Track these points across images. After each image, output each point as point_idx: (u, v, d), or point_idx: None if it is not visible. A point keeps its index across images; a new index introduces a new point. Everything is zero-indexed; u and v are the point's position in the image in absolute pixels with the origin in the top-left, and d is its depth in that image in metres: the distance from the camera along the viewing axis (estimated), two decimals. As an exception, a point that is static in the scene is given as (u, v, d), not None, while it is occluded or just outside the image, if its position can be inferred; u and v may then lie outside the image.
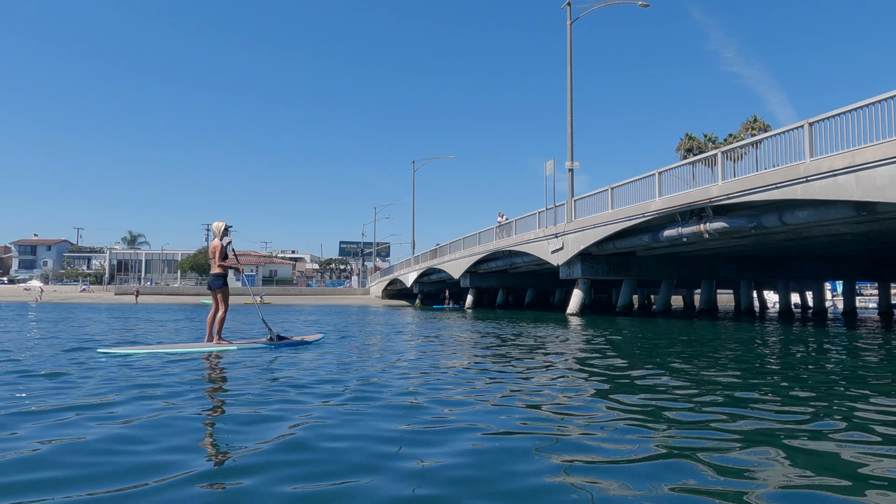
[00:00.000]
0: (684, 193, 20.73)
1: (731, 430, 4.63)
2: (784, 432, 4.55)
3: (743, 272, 32.01)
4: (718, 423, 4.88)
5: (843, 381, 7.57)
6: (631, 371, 8.38)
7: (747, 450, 4.03)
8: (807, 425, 4.84)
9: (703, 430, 4.65)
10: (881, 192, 14.02)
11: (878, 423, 4.93)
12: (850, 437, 4.46)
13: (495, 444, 4.12)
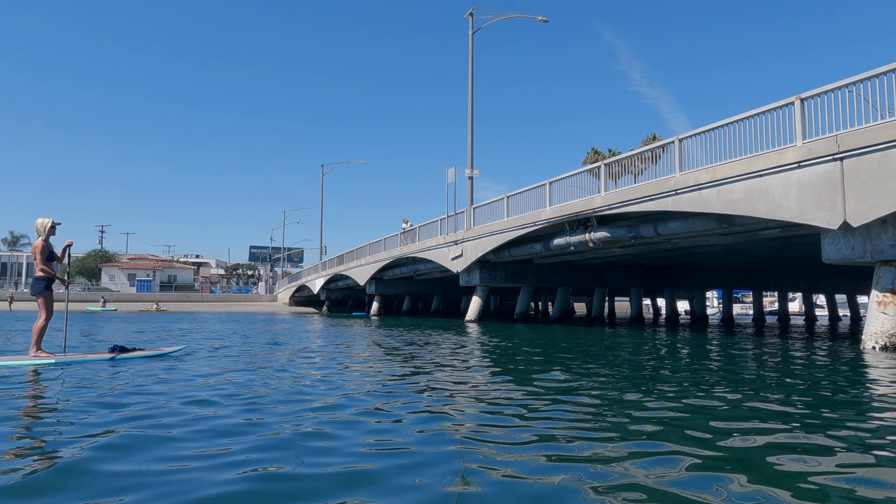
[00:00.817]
0: (571, 203, 21.45)
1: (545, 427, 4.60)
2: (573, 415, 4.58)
3: (632, 280, 33.65)
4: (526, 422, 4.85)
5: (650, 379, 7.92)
6: (476, 375, 8.37)
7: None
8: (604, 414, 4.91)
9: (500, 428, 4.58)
10: (737, 205, 15.07)
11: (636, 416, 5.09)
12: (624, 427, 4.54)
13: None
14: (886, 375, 9.31)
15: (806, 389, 7.63)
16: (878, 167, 12.08)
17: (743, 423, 5.26)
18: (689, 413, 5.72)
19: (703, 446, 4.31)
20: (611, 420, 5.30)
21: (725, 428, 5.00)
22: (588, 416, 5.45)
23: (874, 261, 13.17)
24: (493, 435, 4.60)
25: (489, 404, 6.09)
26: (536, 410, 5.73)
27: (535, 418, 5.32)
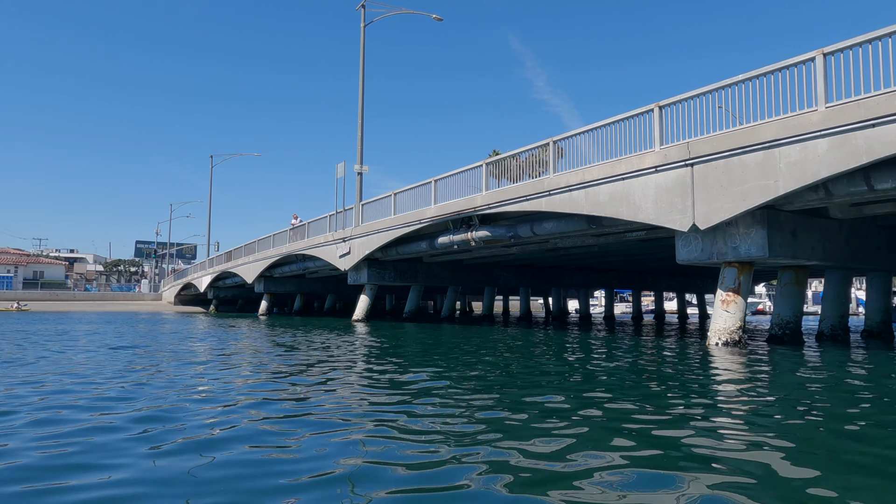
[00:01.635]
0: (454, 202, 21.39)
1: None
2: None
3: (521, 280, 34.38)
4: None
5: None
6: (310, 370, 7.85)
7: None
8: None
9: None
10: (603, 207, 15.54)
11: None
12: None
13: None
14: (715, 370, 9.78)
15: (638, 380, 7.78)
16: (722, 173, 12.82)
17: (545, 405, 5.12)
18: (509, 408, 5.52)
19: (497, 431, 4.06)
20: (435, 412, 4.97)
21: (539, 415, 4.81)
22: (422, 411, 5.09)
23: (719, 262, 14.01)
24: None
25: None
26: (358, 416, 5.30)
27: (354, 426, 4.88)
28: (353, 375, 8.62)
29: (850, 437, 4.81)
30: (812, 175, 11.28)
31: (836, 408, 6.32)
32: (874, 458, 4.17)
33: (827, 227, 14.48)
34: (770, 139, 11.88)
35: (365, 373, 8.95)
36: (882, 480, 3.66)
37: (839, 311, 16.63)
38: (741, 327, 13.56)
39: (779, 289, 15.44)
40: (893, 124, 10.09)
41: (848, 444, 4.60)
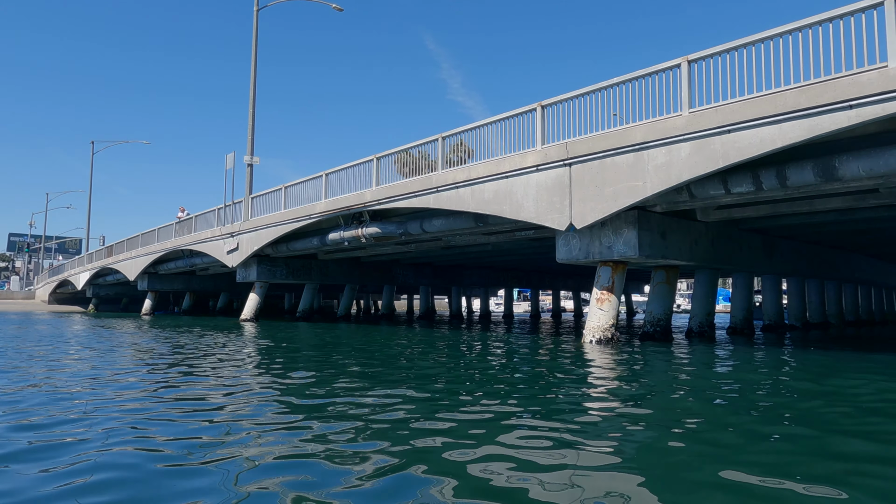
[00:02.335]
0: (344, 197, 20.67)
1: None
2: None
3: (420, 278, 34.12)
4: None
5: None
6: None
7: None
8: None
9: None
10: (488, 205, 15.46)
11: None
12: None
13: None
14: (575, 366, 9.79)
15: (494, 375, 7.55)
16: (597, 174, 13.04)
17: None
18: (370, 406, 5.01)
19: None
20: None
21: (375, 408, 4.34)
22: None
23: (596, 261, 14.30)
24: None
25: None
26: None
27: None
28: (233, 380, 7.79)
29: (700, 426, 4.74)
30: (676, 177, 11.67)
31: (686, 398, 6.36)
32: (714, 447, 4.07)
33: (694, 229, 15.18)
34: (640, 142, 12.19)
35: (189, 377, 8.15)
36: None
37: (707, 309, 17.59)
38: (614, 325, 13.90)
39: (651, 288, 16.05)
40: (746, 131, 10.59)
41: (700, 435, 4.51)
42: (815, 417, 5.65)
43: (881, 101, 9.08)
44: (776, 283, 21.40)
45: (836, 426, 5.25)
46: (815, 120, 9.75)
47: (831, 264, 23.08)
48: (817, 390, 7.50)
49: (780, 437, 4.78)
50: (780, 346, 14.79)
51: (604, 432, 4.81)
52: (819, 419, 5.56)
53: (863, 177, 10.17)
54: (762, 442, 4.61)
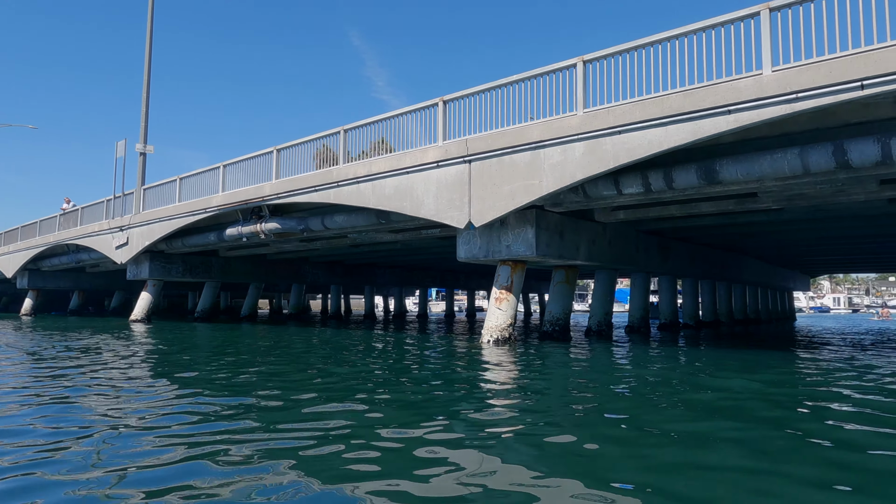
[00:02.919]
0: (242, 190, 19.52)
1: None
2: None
3: (331, 277, 33.13)
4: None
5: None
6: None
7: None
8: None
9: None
10: (389, 201, 14.97)
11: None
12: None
13: None
14: (459, 367, 9.49)
15: (381, 374, 7.07)
16: (496, 171, 12.87)
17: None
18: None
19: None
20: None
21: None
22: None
23: (496, 260, 14.16)
24: None
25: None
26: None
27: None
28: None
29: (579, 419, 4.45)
30: (570, 177, 11.67)
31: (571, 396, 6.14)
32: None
33: (592, 230, 15.39)
34: (536, 140, 12.12)
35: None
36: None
37: (605, 309, 17.98)
38: (512, 324, 13.80)
39: (551, 287, 16.15)
40: (636, 132, 10.71)
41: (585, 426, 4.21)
42: (705, 409, 5.57)
43: (756, 108, 9.39)
44: (672, 284, 22.30)
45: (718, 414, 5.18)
46: (698, 123, 9.98)
47: (722, 266, 24.37)
48: (706, 384, 7.57)
49: (666, 432, 4.61)
50: (673, 345, 15.27)
51: (474, 435, 4.44)
52: (708, 410, 5.49)
53: (741, 180, 10.53)
54: (650, 437, 4.41)
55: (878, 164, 9.25)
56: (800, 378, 8.90)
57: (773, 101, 9.20)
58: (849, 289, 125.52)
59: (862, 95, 8.51)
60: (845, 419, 5.57)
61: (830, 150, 9.45)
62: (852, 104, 9.32)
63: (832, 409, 6.17)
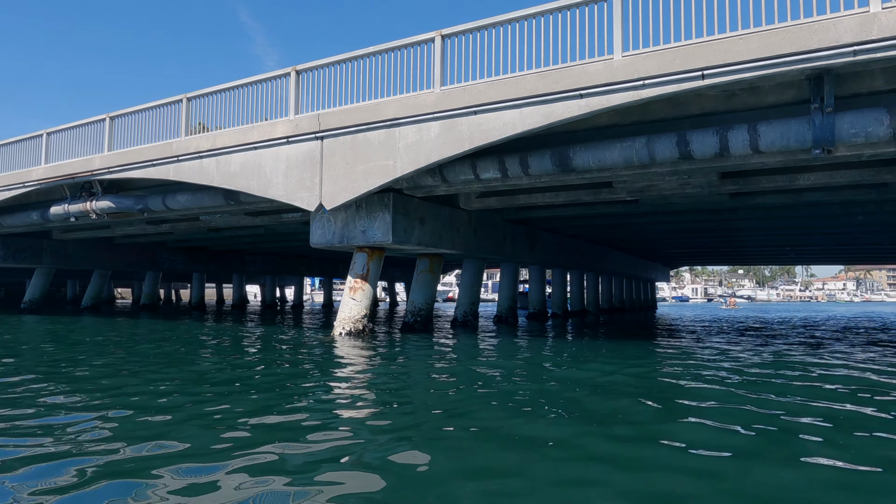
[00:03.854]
0: (69, 163, 16.92)
1: None
2: None
3: (192, 264, 30.42)
4: None
5: None
6: None
7: None
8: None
9: None
10: (235, 179, 13.46)
11: None
12: None
13: None
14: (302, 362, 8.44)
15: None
16: (349, 150, 11.87)
17: None
18: None
19: None
20: None
21: None
22: None
23: (351, 246, 13.19)
24: None
25: None
26: None
27: None
28: None
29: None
30: (425, 158, 10.95)
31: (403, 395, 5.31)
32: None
33: (457, 217, 14.87)
34: (392, 117, 11.27)
35: None
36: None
37: (471, 298, 17.64)
38: (367, 315, 12.92)
39: (415, 276, 15.48)
40: (491, 113, 10.18)
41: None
42: (567, 402, 4.97)
43: (606, 93, 9.15)
44: (541, 274, 22.57)
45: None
46: (552, 107, 9.61)
47: (589, 257, 25.12)
48: (568, 377, 7.11)
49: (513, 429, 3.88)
50: (537, 335, 15.17)
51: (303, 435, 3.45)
52: (569, 402, 4.88)
53: (593, 168, 10.36)
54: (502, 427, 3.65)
55: (717, 156, 9.37)
56: (638, 367, 8.82)
57: (621, 86, 9.00)
58: (706, 280, 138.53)
59: (703, 85, 8.50)
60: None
61: (674, 140, 9.45)
62: (694, 94, 9.37)
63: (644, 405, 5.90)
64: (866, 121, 8.15)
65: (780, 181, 11.42)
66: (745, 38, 8.21)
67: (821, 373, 8.27)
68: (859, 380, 7.64)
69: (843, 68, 8.11)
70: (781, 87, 9.01)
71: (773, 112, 9.20)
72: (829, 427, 4.87)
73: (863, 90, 8.53)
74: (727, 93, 9.34)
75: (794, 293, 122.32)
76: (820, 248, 28.82)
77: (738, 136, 8.97)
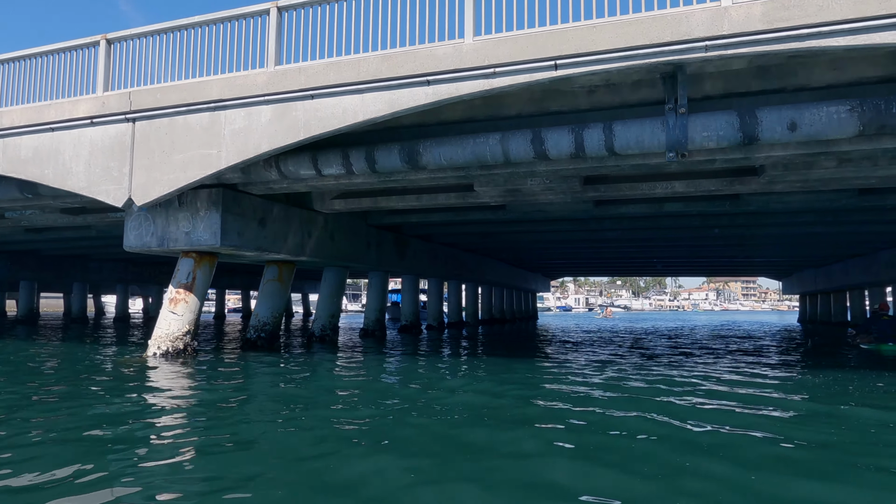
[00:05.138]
0: None
1: None
2: None
3: (19, 271, 26.17)
4: None
5: None
6: None
7: None
8: None
9: None
10: (26, 167, 11.01)
11: None
12: None
13: None
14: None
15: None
16: (166, 135, 9.97)
17: None
18: None
19: None
20: None
21: None
22: None
23: (173, 250, 11.23)
24: None
25: None
26: None
27: None
28: None
29: None
30: (255, 147, 9.35)
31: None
32: None
33: (310, 220, 13.31)
34: (216, 98, 9.57)
35: None
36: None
37: (331, 311, 16.03)
38: (190, 332, 10.98)
39: (261, 286, 13.68)
40: (329, 98, 8.81)
41: None
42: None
43: (455, 80, 8.11)
44: (413, 283, 21.44)
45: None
46: (396, 94, 8.43)
47: (467, 266, 24.41)
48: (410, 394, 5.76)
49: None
50: (404, 351, 13.91)
51: None
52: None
53: (445, 165, 9.29)
54: None
55: (574, 157, 8.64)
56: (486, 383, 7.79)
57: (472, 73, 8.00)
58: (588, 290, 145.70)
59: (556, 76, 7.69)
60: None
61: (529, 137, 8.60)
62: (553, 90, 8.62)
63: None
64: (718, 123, 7.71)
65: (641, 188, 11.04)
66: (600, 27, 7.50)
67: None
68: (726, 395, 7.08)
69: (697, 67, 7.63)
70: (639, 86, 8.45)
71: (632, 113, 8.63)
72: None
73: (716, 92, 8.14)
74: (586, 89, 8.64)
75: (664, 303, 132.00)
76: (684, 261, 30.26)
77: (594, 136, 8.27)
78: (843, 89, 7.74)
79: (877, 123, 7.22)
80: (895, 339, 14.10)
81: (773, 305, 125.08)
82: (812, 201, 12.17)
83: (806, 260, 28.91)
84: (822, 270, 30.56)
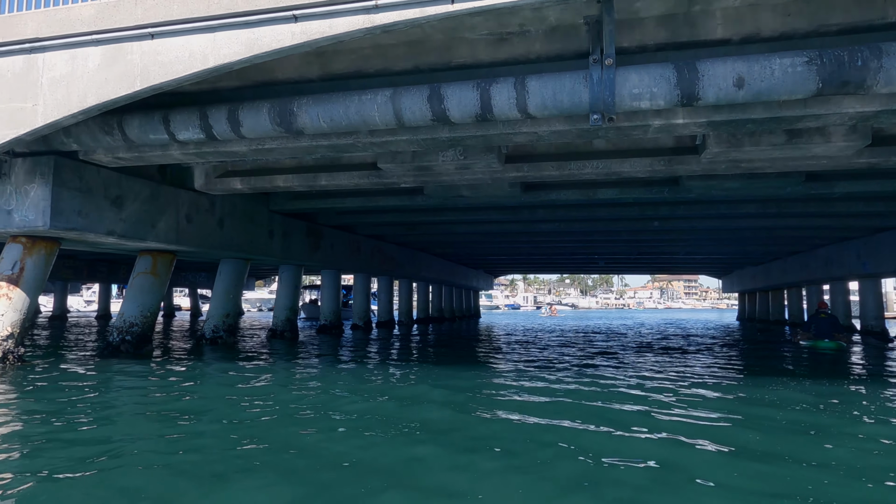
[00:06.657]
0: None
1: None
2: None
3: None
4: None
5: None
6: None
7: None
8: None
9: None
10: None
11: None
12: None
13: None
14: None
15: None
16: (-30, 85, 7.80)
17: None
18: None
19: None
20: None
21: None
22: None
23: (3, 234, 9.04)
24: None
25: None
26: None
27: None
28: None
29: None
30: (80, 101, 7.32)
31: None
32: None
33: (193, 203, 11.28)
34: (33, 37, 7.48)
35: None
36: None
37: (225, 310, 13.95)
38: (14, 336, 8.81)
39: (130, 279, 11.52)
40: (173, 38, 6.90)
41: None
42: None
43: (328, 16, 6.34)
44: (334, 280, 19.49)
45: None
46: (255, 32, 6.59)
47: (397, 261, 22.63)
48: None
49: None
50: (309, 354, 12.02)
51: None
52: None
53: (325, 129, 7.49)
54: None
55: (480, 120, 7.01)
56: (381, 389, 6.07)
57: (349, 7, 6.25)
58: (537, 289, 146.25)
59: (452, 10, 6.02)
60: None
61: (426, 94, 6.92)
62: (449, 34, 6.96)
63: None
64: (652, 78, 6.22)
65: (569, 168, 9.55)
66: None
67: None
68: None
69: (627, 4, 6.13)
70: (557, 34, 6.88)
71: (552, 68, 7.07)
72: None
73: (649, 41, 6.65)
74: (495, 36, 7.02)
75: (610, 301, 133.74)
76: (626, 258, 29.39)
77: (503, 92, 6.65)
78: (800, 41, 6.41)
79: (838, 79, 5.88)
80: (831, 337, 14.56)
81: (714, 304, 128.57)
82: (756, 189, 11.01)
83: (746, 258, 28.53)
84: (761, 268, 30.33)
